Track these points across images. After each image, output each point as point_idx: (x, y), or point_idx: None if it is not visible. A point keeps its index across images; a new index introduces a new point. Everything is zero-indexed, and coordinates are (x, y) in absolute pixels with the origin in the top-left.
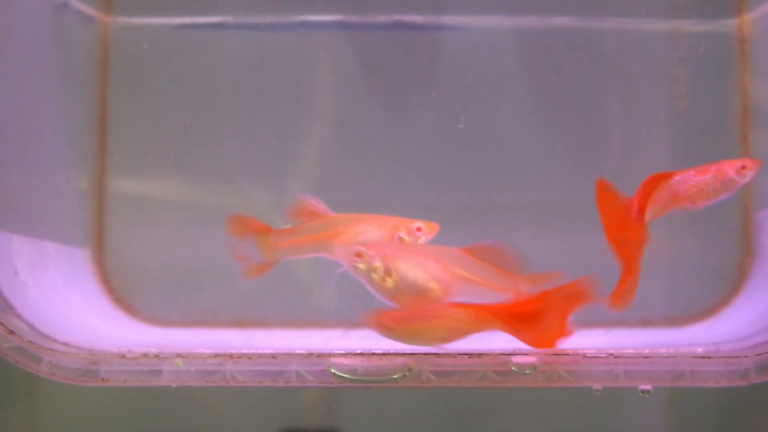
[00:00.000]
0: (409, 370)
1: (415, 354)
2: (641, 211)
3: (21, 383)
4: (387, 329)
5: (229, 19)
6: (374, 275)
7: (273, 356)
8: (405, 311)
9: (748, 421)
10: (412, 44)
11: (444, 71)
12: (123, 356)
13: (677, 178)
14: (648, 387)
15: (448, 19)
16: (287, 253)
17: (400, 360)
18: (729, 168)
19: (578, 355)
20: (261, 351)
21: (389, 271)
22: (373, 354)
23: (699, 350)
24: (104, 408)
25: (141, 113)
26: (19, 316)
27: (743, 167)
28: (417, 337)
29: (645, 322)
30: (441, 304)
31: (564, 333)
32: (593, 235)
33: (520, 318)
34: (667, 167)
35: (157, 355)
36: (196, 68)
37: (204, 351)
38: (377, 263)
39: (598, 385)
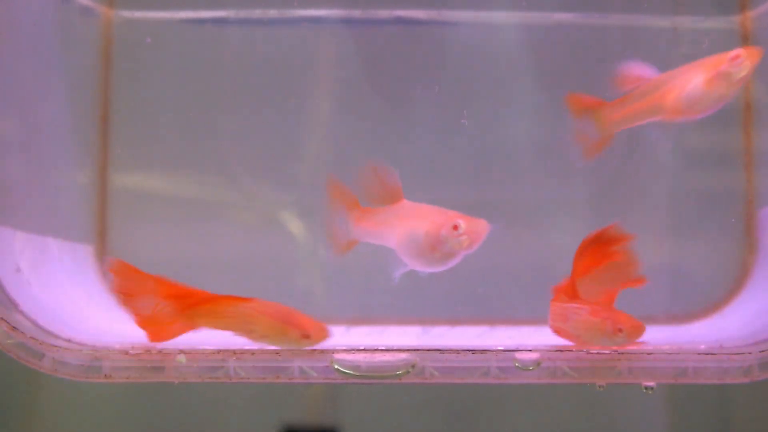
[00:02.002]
0: (413, 366)
1: (418, 350)
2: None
3: (24, 380)
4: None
5: (231, 14)
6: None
7: (276, 352)
8: None
9: (751, 418)
10: (415, 40)
11: (447, 67)
12: (126, 352)
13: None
14: (651, 383)
15: (451, 15)
16: (621, 124)
17: (403, 356)
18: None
19: (582, 351)
20: (264, 347)
21: None
22: (377, 350)
23: (702, 347)
24: (107, 404)
25: (143, 108)
26: (21, 313)
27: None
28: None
29: (648, 319)
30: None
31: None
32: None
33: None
34: (670, 163)
35: (159, 351)
36: (198, 63)
37: (207, 347)
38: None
39: (601, 382)
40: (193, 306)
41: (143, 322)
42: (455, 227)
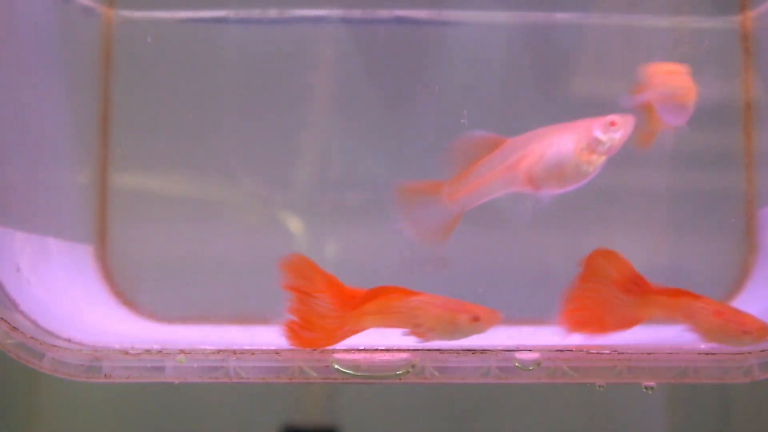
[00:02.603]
0: (412, 366)
1: (417, 350)
2: None
3: (24, 380)
4: None
5: (231, 14)
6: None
7: (276, 352)
8: None
9: (751, 418)
10: (415, 39)
11: (447, 67)
12: (126, 352)
13: None
14: (651, 383)
15: (451, 15)
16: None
17: (403, 356)
18: None
19: (582, 351)
20: (264, 347)
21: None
22: (376, 350)
23: (702, 346)
24: (107, 404)
25: (143, 108)
26: (21, 313)
27: None
28: None
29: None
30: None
31: None
32: (595, 230)
33: None
34: (670, 164)
35: (160, 351)
36: (198, 63)
37: (207, 347)
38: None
39: (601, 382)
40: (361, 304)
41: (306, 325)
42: (612, 123)
